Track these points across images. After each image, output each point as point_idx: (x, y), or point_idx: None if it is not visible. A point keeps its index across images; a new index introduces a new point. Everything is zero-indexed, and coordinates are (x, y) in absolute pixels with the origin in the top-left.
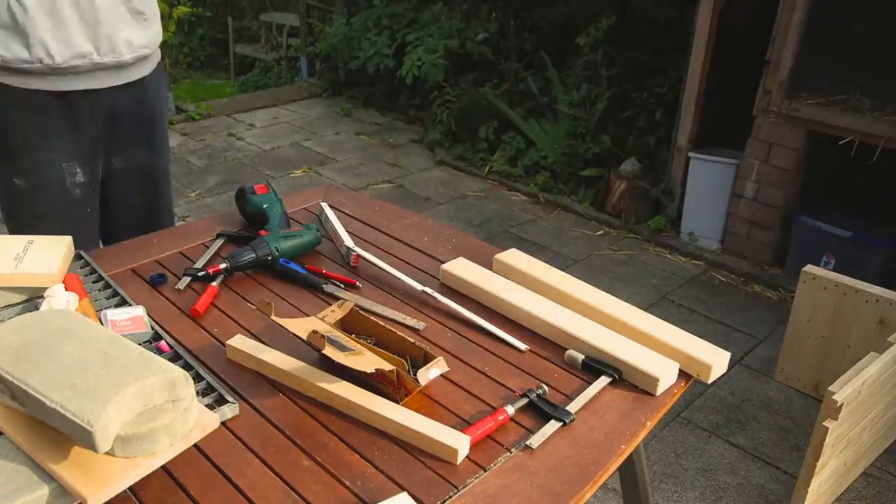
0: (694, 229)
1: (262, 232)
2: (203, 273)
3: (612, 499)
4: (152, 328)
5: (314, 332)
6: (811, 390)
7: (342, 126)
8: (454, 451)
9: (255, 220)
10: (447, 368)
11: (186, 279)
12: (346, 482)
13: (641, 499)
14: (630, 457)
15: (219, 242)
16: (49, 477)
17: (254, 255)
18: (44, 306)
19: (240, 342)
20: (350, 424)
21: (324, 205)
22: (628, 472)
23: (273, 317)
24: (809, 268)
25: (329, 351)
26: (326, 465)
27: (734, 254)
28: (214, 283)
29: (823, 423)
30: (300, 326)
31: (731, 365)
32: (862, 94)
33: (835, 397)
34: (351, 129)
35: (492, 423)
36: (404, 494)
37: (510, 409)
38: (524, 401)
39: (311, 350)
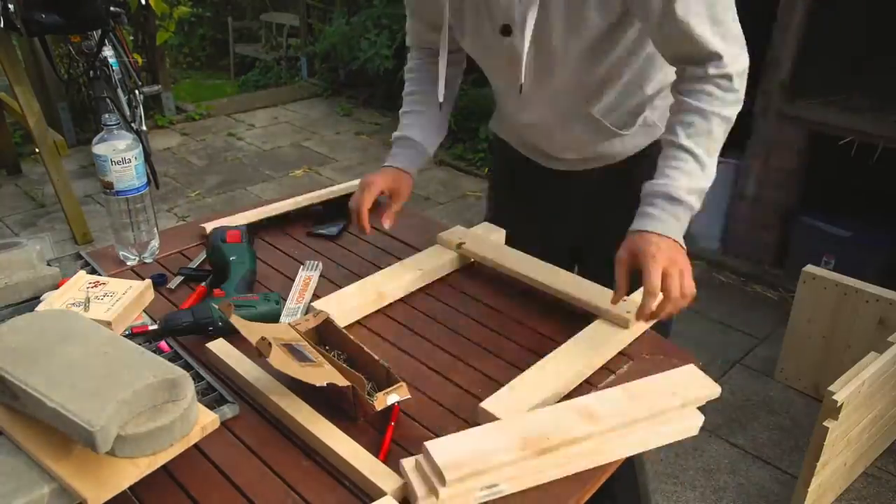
0: (694, 229)
1: (218, 292)
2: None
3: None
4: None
5: (262, 338)
6: (811, 390)
7: (342, 126)
8: (381, 492)
9: (220, 271)
10: (408, 396)
11: (179, 278)
12: (346, 482)
13: (641, 499)
14: (629, 458)
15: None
16: (49, 477)
17: (191, 319)
18: (43, 306)
19: (218, 346)
20: (350, 425)
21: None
22: (628, 472)
23: (233, 317)
24: (809, 268)
25: (276, 359)
26: (326, 465)
27: (734, 254)
28: (204, 283)
29: (823, 423)
30: (263, 332)
31: (731, 365)
32: (862, 94)
33: (835, 397)
34: (351, 129)
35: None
36: (388, 497)
37: None
38: None
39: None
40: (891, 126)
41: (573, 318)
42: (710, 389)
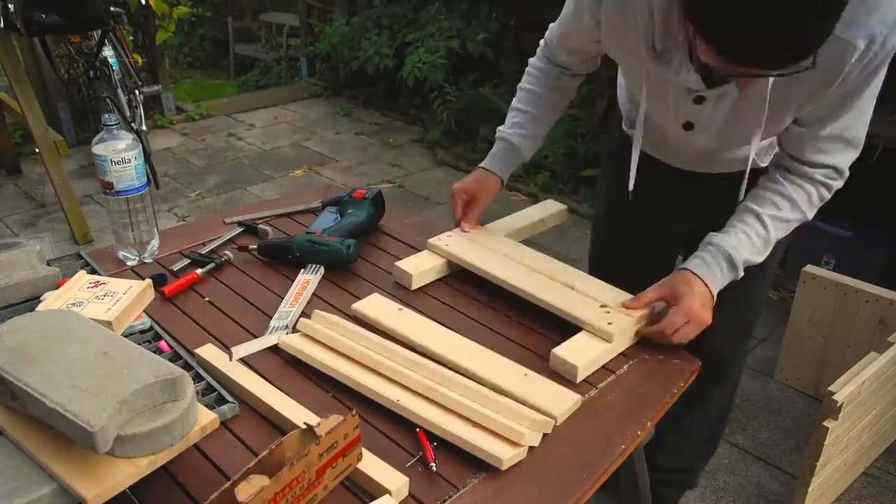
0: None
1: (319, 233)
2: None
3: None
4: (152, 328)
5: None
6: (811, 390)
7: (342, 126)
8: (383, 489)
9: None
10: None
11: (184, 261)
12: (346, 482)
13: (641, 499)
14: (630, 457)
15: (235, 231)
16: (49, 477)
17: (277, 243)
18: (43, 306)
19: (207, 352)
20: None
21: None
22: (628, 472)
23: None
24: (809, 268)
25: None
26: None
27: None
28: (199, 271)
29: (823, 423)
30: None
31: None
32: None
33: (835, 397)
34: (351, 129)
35: None
36: (387, 497)
37: None
38: None
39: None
40: (891, 126)
41: (556, 327)
42: None
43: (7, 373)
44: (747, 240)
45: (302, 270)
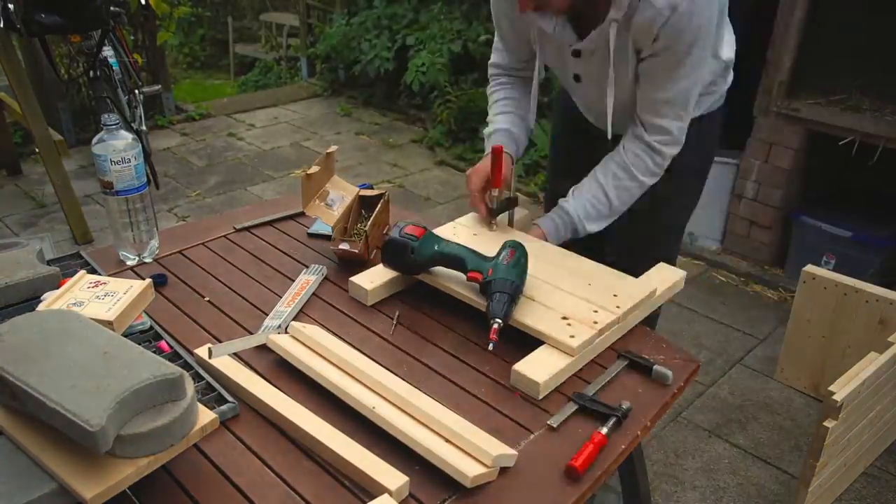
0: (694, 229)
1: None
2: None
3: (613, 499)
4: (152, 328)
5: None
6: (811, 390)
7: (342, 126)
8: (382, 488)
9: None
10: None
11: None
12: (346, 482)
13: (641, 499)
14: (630, 457)
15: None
16: (49, 477)
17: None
18: (43, 307)
19: (207, 352)
20: (350, 425)
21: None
22: (628, 472)
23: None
24: (809, 268)
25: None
26: (326, 465)
27: (734, 254)
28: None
29: (823, 423)
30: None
31: (731, 365)
32: (862, 94)
33: (835, 397)
34: (351, 130)
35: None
36: (385, 497)
37: (604, 430)
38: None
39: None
40: (891, 126)
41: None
42: None
43: (7, 373)
44: (593, 210)
45: (304, 270)
